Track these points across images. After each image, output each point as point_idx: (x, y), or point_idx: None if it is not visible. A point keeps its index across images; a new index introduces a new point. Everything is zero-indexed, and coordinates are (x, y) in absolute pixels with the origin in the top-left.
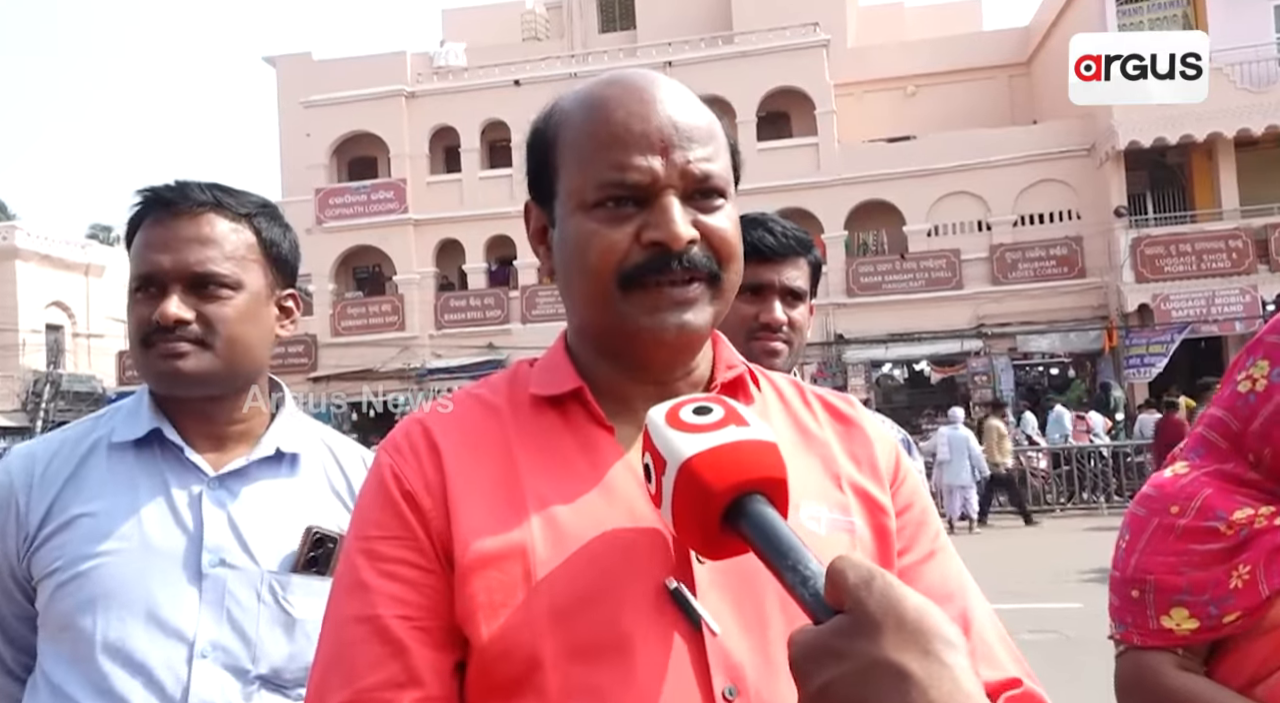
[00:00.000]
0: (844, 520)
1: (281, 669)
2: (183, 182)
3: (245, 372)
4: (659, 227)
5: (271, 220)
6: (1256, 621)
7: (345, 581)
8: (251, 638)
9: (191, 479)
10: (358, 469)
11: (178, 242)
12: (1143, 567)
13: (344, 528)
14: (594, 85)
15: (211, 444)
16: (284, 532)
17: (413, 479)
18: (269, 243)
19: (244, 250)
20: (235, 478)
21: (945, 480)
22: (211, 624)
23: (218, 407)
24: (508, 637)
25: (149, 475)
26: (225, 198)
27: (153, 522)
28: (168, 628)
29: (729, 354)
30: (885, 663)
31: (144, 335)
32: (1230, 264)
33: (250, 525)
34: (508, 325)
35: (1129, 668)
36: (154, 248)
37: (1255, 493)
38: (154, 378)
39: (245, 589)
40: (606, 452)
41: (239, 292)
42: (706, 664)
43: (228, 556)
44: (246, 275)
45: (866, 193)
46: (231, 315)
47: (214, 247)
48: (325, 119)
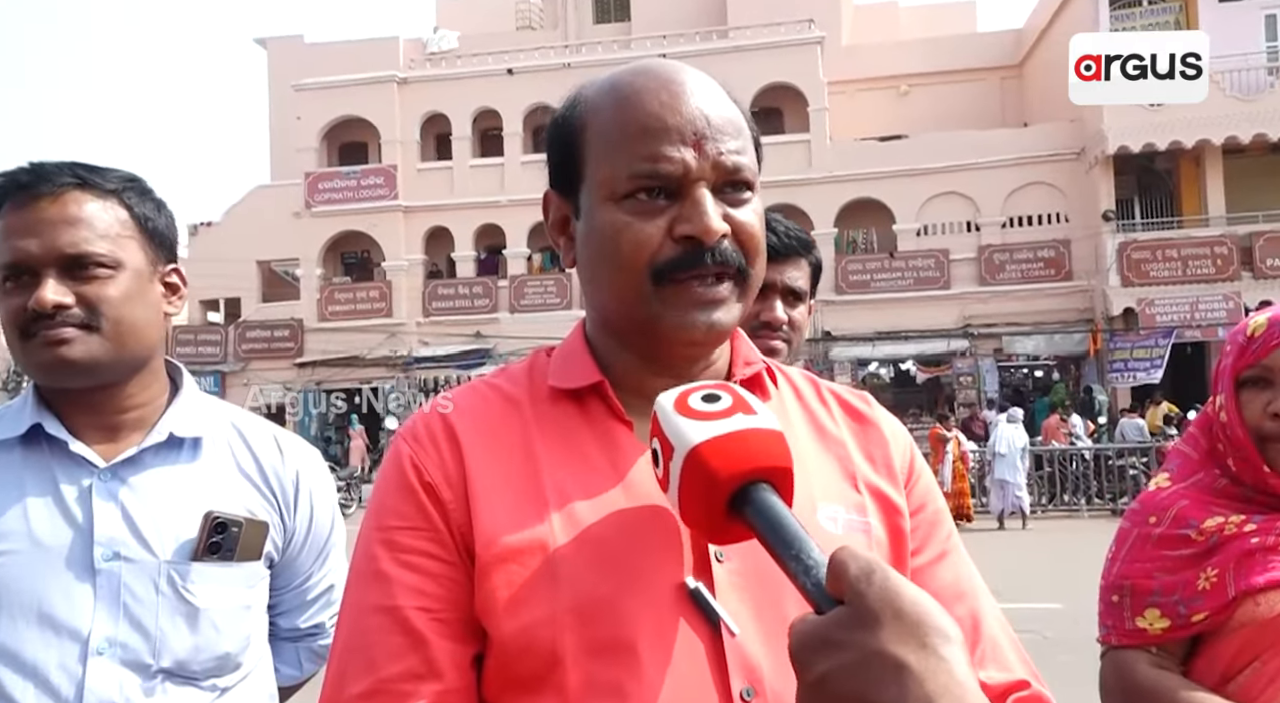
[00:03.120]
0: (860, 521)
1: (187, 661)
2: (39, 163)
3: (135, 355)
4: (692, 220)
5: (142, 196)
6: (1224, 620)
7: (364, 569)
8: (151, 631)
9: (81, 472)
10: (269, 450)
11: (43, 225)
12: (1122, 573)
13: (252, 511)
14: (622, 74)
15: (103, 434)
16: (183, 519)
17: (433, 470)
18: (143, 218)
19: (118, 228)
20: (127, 467)
21: (997, 475)
22: (107, 620)
23: (107, 395)
24: (529, 632)
25: (36, 472)
26: (89, 176)
27: (41, 519)
28: (60, 627)
29: (748, 350)
30: (883, 654)
31: (21, 326)
32: (1215, 271)
33: (145, 515)
34: (495, 315)
35: (1108, 667)
36: (18, 234)
37: (1227, 502)
38: (38, 370)
39: (142, 581)
40: (626, 446)
41: (119, 271)
42: (725, 665)
43: (122, 548)
44: (124, 253)
45: (857, 191)
46: (115, 295)
47: (85, 227)
48: (316, 103)
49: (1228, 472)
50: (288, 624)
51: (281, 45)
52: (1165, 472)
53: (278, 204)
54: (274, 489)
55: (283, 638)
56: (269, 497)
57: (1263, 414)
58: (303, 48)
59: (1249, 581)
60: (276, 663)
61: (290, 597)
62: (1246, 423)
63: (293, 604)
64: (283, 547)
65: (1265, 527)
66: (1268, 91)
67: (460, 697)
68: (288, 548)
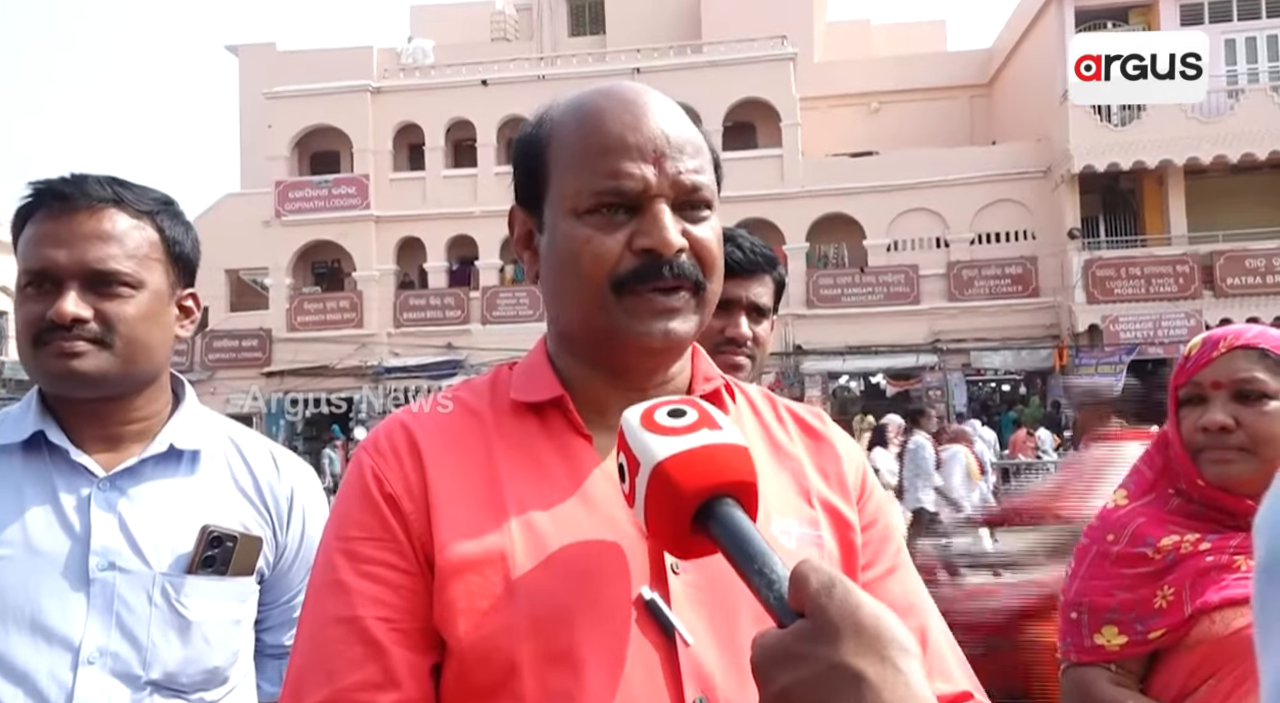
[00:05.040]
0: (813, 535)
1: (176, 674)
2: (80, 175)
3: (143, 373)
4: (650, 234)
5: (174, 219)
6: (1181, 638)
7: (324, 579)
8: (143, 642)
9: (80, 482)
10: (265, 465)
11: (75, 238)
12: (1081, 591)
13: (247, 527)
14: (586, 95)
15: (105, 444)
16: (179, 532)
17: (394, 482)
18: (172, 241)
19: (146, 248)
20: (126, 478)
21: None
22: (99, 630)
23: (111, 407)
24: (488, 641)
25: (35, 479)
26: (126, 193)
27: (38, 526)
28: (52, 635)
29: (707, 366)
30: (843, 667)
31: (36, 333)
32: (1177, 288)
33: (142, 526)
34: (467, 326)
35: (1068, 684)
36: (48, 243)
37: (1182, 521)
38: (46, 378)
39: (136, 592)
40: (585, 460)
41: (140, 291)
42: (679, 673)
43: (117, 558)
44: (148, 274)
45: (828, 206)
46: (132, 315)
47: (115, 244)
48: (288, 111)
49: (1180, 490)
50: (272, 640)
51: (253, 52)
52: (1124, 489)
53: (247, 212)
54: (268, 505)
55: (266, 654)
56: (263, 512)
57: (1194, 428)
58: (275, 55)
59: (1205, 599)
60: (259, 679)
61: (277, 613)
62: (1184, 438)
63: (279, 620)
64: (274, 563)
65: (1219, 545)
66: (1228, 113)
67: None
68: (278, 564)
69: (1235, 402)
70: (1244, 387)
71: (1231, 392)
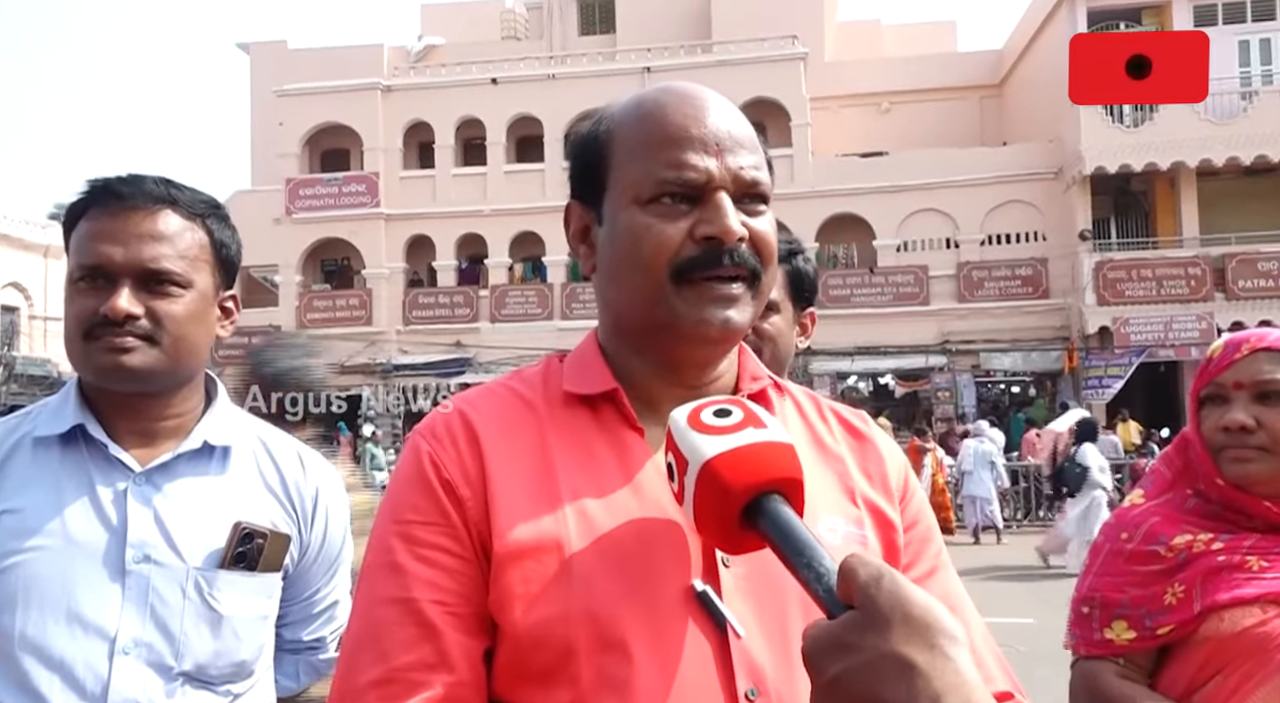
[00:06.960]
0: (858, 533)
1: (206, 665)
2: (136, 175)
3: (186, 370)
4: (713, 222)
5: (222, 222)
6: (1189, 634)
7: (380, 561)
8: (175, 634)
9: (117, 475)
10: (292, 465)
11: (130, 236)
12: (1093, 586)
13: (275, 524)
14: (647, 92)
15: (141, 439)
16: (212, 527)
17: (451, 468)
18: (219, 244)
19: (196, 250)
20: (162, 473)
21: (966, 492)
22: (134, 621)
23: (150, 402)
24: (543, 627)
25: (73, 472)
26: (180, 195)
27: (76, 518)
28: (89, 625)
29: (754, 366)
30: (893, 655)
31: (87, 327)
32: (1189, 291)
33: (177, 521)
34: (476, 324)
35: (1077, 676)
36: (104, 239)
37: (1197, 520)
38: (95, 371)
39: (170, 585)
40: (637, 452)
41: (189, 291)
42: (730, 665)
43: (152, 552)
44: (197, 275)
45: (838, 206)
46: (181, 313)
47: (168, 243)
48: (298, 109)
49: (1198, 491)
50: (291, 636)
51: (264, 50)
52: (1140, 489)
53: (258, 209)
54: (295, 503)
55: (285, 649)
56: (290, 510)
57: (1215, 428)
58: (286, 53)
59: (1214, 597)
60: (276, 674)
61: (297, 609)
62: (1204, 438)
63: (298, 617)
64: (297, 560)
65: (1232, 545)
66: (1241, 116)
67: (470, 690)
68: (301, 561)
69: (1257, 403)
70: (1265, 388)
71: (1253, 393)
